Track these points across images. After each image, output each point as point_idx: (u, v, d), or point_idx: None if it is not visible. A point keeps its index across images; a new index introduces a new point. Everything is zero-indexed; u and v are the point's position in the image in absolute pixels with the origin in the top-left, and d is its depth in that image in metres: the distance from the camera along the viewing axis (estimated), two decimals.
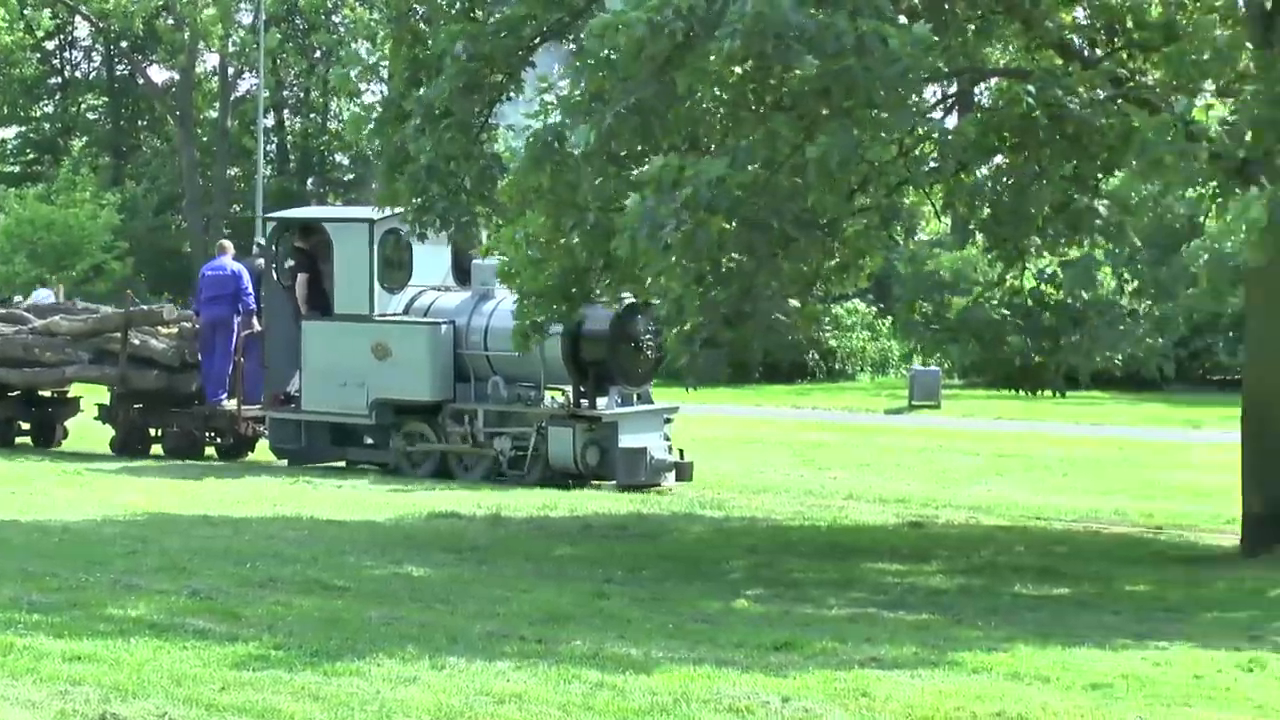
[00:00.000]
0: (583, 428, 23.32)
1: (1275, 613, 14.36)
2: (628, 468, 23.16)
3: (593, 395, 23.54)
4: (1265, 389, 17.63)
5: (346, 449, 25.66)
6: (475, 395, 24.35)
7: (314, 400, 25.17)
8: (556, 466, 23.46)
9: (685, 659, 11.39)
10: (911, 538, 19.09)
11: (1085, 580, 16.17)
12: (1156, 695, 10.67)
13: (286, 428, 25.73)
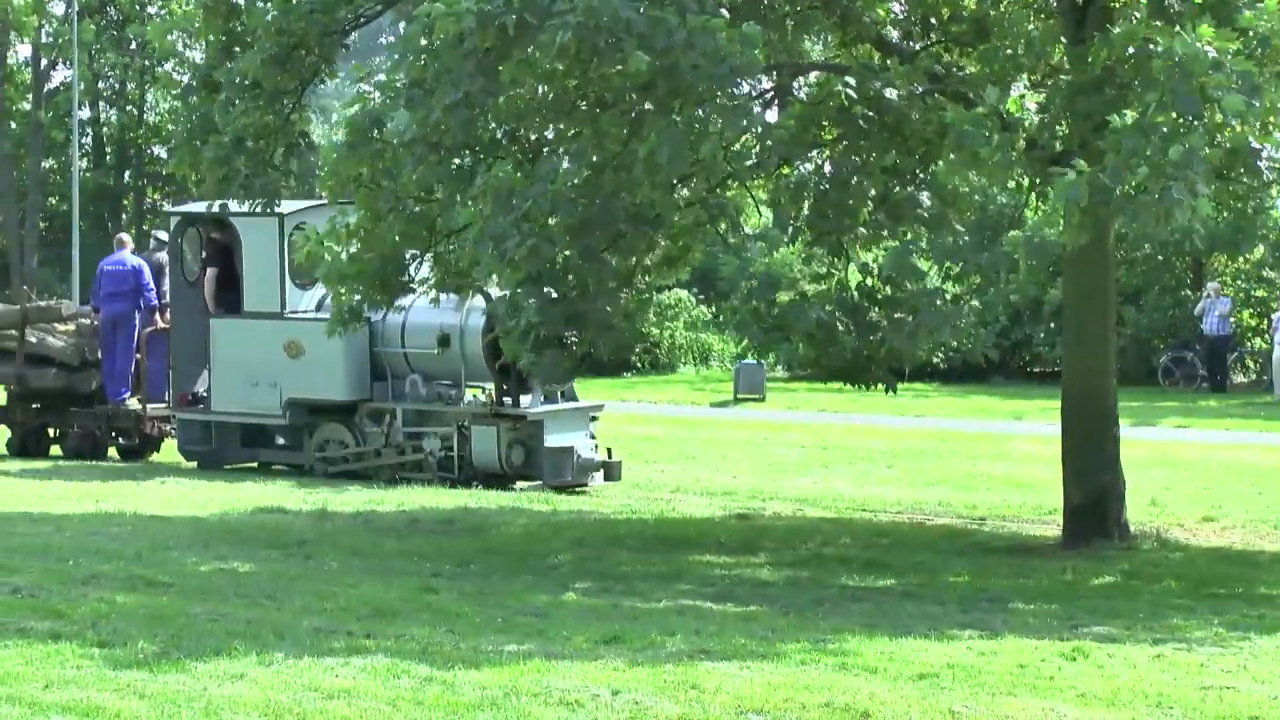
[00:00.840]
0: (507, 426, 22.72)
1: (1096, 602, 14.57)
2: (554, 467, 22.62)
3: (516, 393, 22.90)
4: (1084, 382, 17.89)
5: (258, 450, 25.04)
6: (393, 394, 23.79)
7: (224, 400, 24.47)
8: (480, 467, 22.85)
9: (514, 653, 11.35)
10: (738, 530, 19.17)
11: (910, 571, 16.32)
12: (982, 685, 10.78)
13: (196, 429, 24.99)
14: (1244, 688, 10.93)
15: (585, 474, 22.87)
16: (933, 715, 9.89)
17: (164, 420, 26.07)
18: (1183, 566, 16.61)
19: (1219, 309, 40.41)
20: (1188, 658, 11.93)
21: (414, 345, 23.38)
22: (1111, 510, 17.71)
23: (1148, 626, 13.30)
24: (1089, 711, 10.13)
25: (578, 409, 23.54)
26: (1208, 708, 10.33)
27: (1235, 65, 12.98)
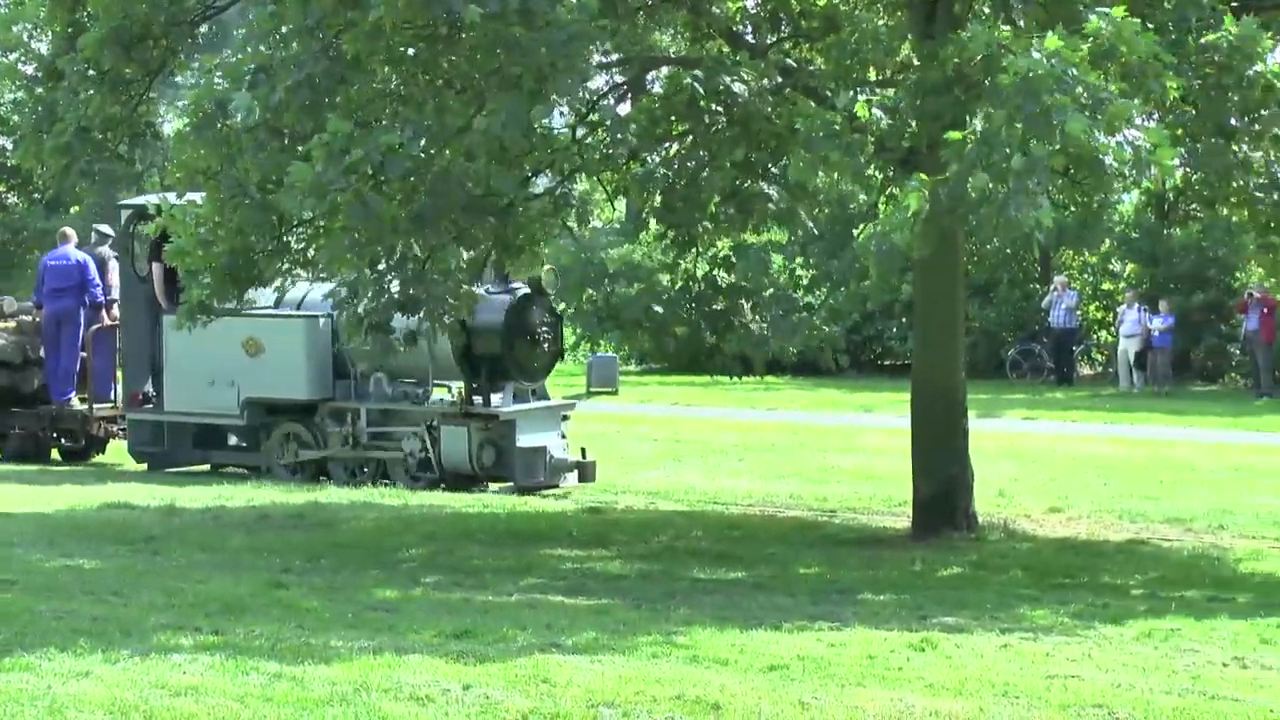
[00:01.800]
0: (478, 426, 22.03)
1: (944, 593, 14.71)
2: (526, 468, 22.05)
3: (486, 392, 22.28)
4: (934, 375, 18.05)
5: (210, 452, 24.33)
6: (356, 393, 23.05)
7: (178, 400, 23.63)
8: (450, 468, 22.16)
9: (365, 648, 11.29)
10: (590, 523, 19.17)
11: (761, 564, 16.40)
12: (831, 675, 10.85)
13: (147, 429, 24.23)
14: (1089, 676, 11.07)
15: (558, 475, 22.30)
16: (783, 707, 9.94)
17: (110, 421, 25.33)
18: (1029, 557, 16.80)
19: (1066, 302, 40.91)
20: (1034, 647, 12.07)
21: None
22: (960, 502, 17.88)
23: (995, 616, 13.44)
24: (937, 701, 10.21)
25: (549, 408, 22.91)
26: (1053, 696, 10.45)
27: (1082, 75, 13.12)
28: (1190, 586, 15.27)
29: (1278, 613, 13.69)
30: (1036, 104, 12.99)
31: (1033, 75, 13.03)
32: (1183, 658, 11.86)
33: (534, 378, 22.63)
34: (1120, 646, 12.26)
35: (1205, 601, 14.44)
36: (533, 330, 22.28)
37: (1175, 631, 12.85)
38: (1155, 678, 11.12)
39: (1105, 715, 9.99)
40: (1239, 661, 11.75)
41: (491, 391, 22.22)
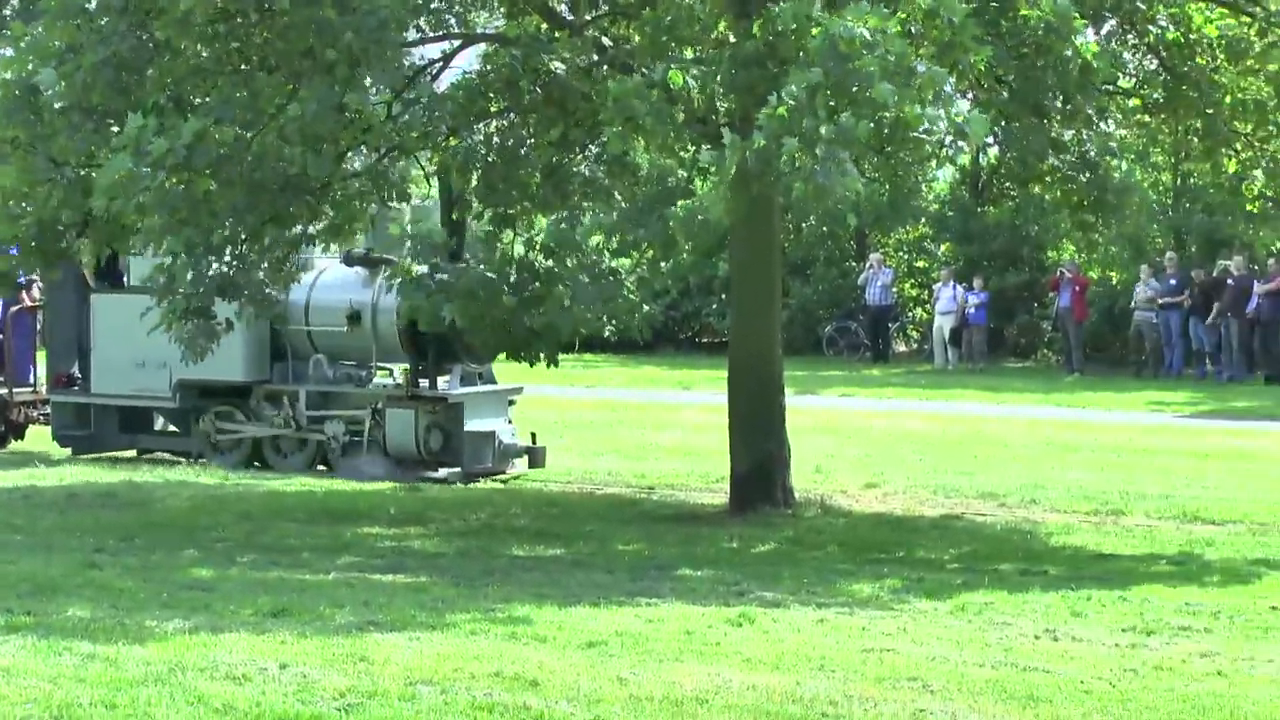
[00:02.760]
0: (425, 409, 21.34)
1: (762, 568, 14.79)
2: (474, 453, 21.42)
3: (433, 374, 21.53)
4: (750, 351, 18.13)
5: (138, 436, 23.56)
6: (294, 375, 22.27)
7: (106, 382, 22.70)
8: (395, 452, 21.39)
9: (180, 628, 11.17)
10: (408, 501, 19.08)
11: (580, 541, 16.42)
12: (649, 651, 10.88)
13: (72, 413, 23.31)
14: (904, 649, 11.20)
15: (507, 460, 21.73)
16: (601, 683, 9.95)
17: (30, 406, 24.40)
18: (846, 532, 16.95)
19: (881, 280, 41.30)
20: (850, 621, 12.19)
21: (320, 323, 21.92)
22: (777, 477, 18.00)
23: (811, 591, 13.55)
24: (754, 676, 10.27)
25: (496, 392, 22.32)
26: (869, 669, 10.55)
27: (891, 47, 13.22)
28: (1003, 560, 15.49)
29: (1088, 585, 13.93)
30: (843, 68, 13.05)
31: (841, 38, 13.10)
32: (996, 630, 12.02)
33: (481, 360, 21.92)
34: (935, 620, 12.40)
35: (1018, 575, 14.65)
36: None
37: (989, 605, 13.03)
38: (969, 650, 11.27)
39: (920, 688, 10.09)
40: (1050, 634, 11.94)
41: (438, 374, 21.60)
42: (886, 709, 9.57)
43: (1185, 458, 23.19)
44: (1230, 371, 36.15)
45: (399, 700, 9.42)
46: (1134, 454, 23.33)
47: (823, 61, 13.15)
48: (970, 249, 42.48)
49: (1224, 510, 18.66)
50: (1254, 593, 13.81)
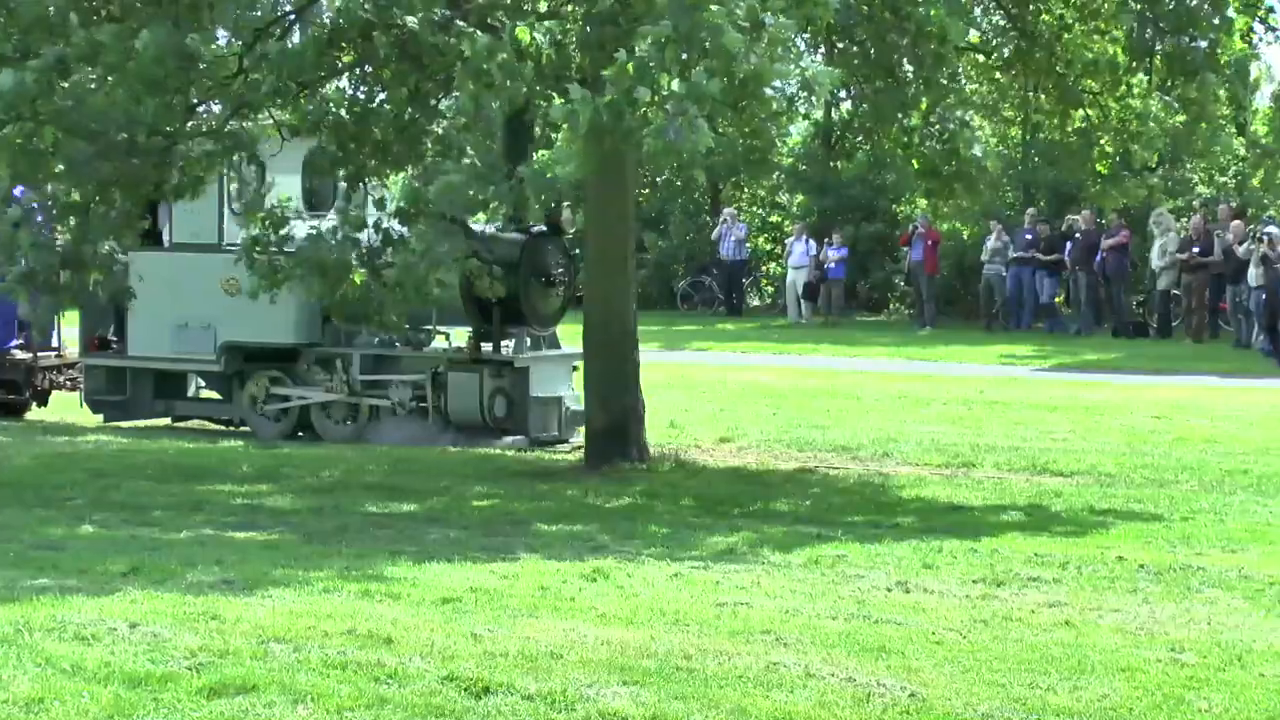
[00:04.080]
0: (490, 373, 20.42)
1: (617, 523, 14.81)
2: (541, 420, 20.45)
3: (498, 337, 20.64)
4: (605, 306, 18.13)
5: (174, 403, 22.48)
6: (345, 338, 21.28)
7: (145, 344, 21.55)
8: (457, 419, 20.47)
9: (27, 588, 11.01)
10: (260, 459, 18.94)
11: (434, 496, 16.36)
12: (504, 607, 10.87)
13: (106, 376, 22.14)
14: (757, 603, 11.25)
15: (572, 428, 20.60)
16: (455, 639, 9.93)
17: (55, 370, 23.23)
18: (700, 486, 17.01)
19: (735, 234, 41.45)
20: (704, 575, 12.23)
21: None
22: (632, 432, 18.04)
23: (666, 546, 13.58)
24: (609, 631, 10.29)
25: (562, 356, 21.24)
26: (723, 624, 10.60)
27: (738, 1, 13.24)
28: (856, 513, 15.61)
29: (939, 537, 14.06)
30: (691, 19, 13.04)
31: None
32: (848, 583, 12.11)
33: (546, 324, 21.01)
34: (788, 573, 12.47)
35: (870, 528, 14.76)
36: (548, 272, 20.66)
37: (841, 558, 13.11)
38: (822, 603, 11.34)
39: (773, 641, 10.15)
40: (902, 586, 12.04)
41: (502, 337, 20.70)
42: (740, 662, 9.61)
43: (1034, 410, 23.49)
44: (1078, 325, 36.62)
45: (251, 659, 9.35)
46: (984, 407, 23.58)
47: (672, 14, 13.14)
48: (824, 203, 42.70)
49: (1072, 462, 18.91)
50: (1101, 543, 14.00)
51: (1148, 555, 13.35)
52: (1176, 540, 14.15)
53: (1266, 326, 31.27)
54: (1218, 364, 30.20)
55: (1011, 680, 9.38)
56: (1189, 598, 11.79)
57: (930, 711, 8.84)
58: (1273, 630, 10.73)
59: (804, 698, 9.00)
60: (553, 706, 8.72)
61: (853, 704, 8.91)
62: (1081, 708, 8.91)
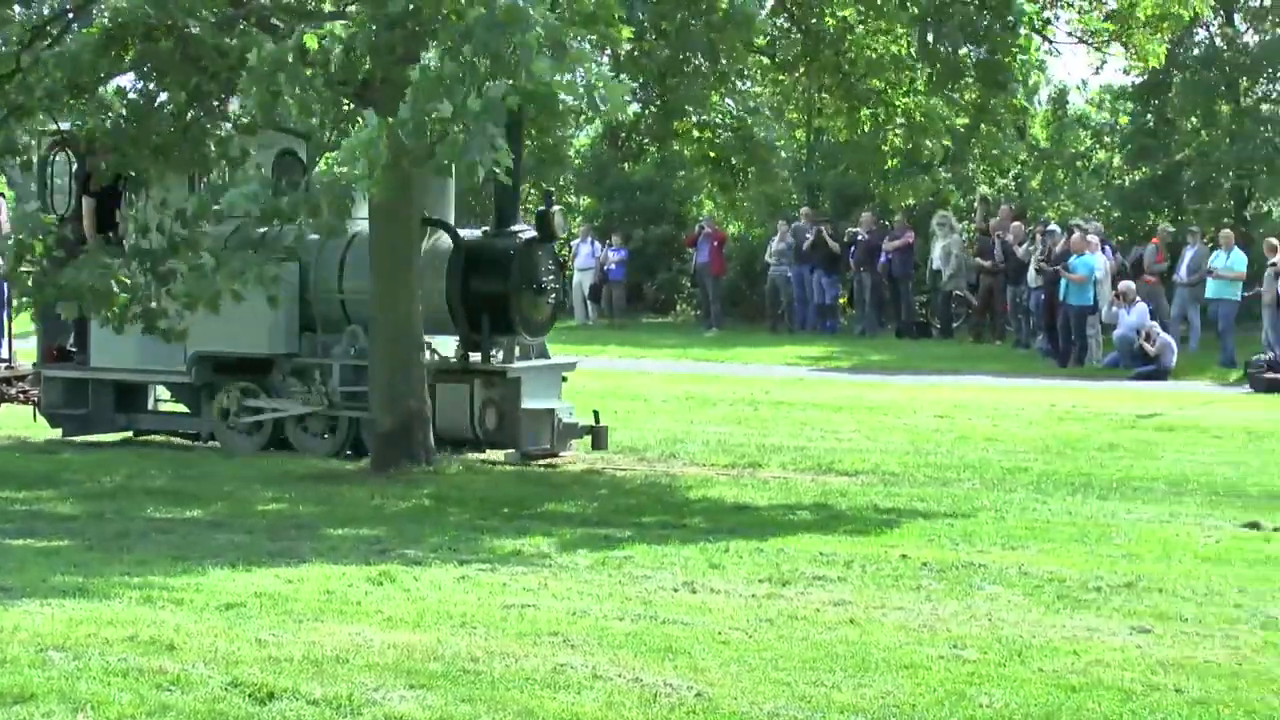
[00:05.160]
0: (482, 384, 19.46)
1: (404, 526, 14.73)
2: (533, 433, 19.44)
3: (487, 347, 19.60)
4: (391, 310, 17.99)
5: (136, 416, 21.37)
6: (321, 349, 20.07)
7: (108, 355, 20.34)
8: (445, 433, 19.14)
9: None
10: (40, 464, 18.64)
11: (218, 501, 16.16)
12: (289, 612, 10.77)
13: (65, 389, 20.91)
14: (545, 605, 11.25)
15: (565, 441, 19.73)
16: (239, 645, 9.82)
17: (5, 383, 22.06)
18: (487, 488, 16.97)
19: None
20: (492, 578, 12.21)
21: (357, 290, 19.51)
22: (419, 435, 17.95)
23: (453, 549, 13.53)
24: (395, 634, 10.24)
25: (551, 366, 20.41)
26: (510, 626, 10.59)
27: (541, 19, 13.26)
28: (643, 514, 15.66)
29: (726, 537, 14.15)
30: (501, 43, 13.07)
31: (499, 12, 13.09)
32: (635, 584, 12.14)
33: (537, 332, 20.12)
34: (575, 574, 12.48)
35: (658, 528, 14.81)
36: (539, 279, 19.82)
37: (629, 559, 13.15)
38: (609, 604, 11.37)
39: (560, 642, 10.15)
40: (689, 586, 12.09)
41: (490, 347, 19.73)
42: (527, 664, 9.61)
43: (819, 410, 23.73)
44: (863, 325, 37.04)
45: (29, 668, 9.18)
46: (770, 407, 23.78)
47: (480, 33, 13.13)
48: (612, 204, 42.80)
49: (856, 461, 19.13)
50: (885, 542, 14.17)
51: (930, 553, 13.53)
52: (958, 538, 14.36)
53: (1046, 326, 31.86)
54: (999, 364, 30.73)
55: (796, 678, 9.46)
56: (970, 595, 11.96)
57: (716, 711, 8.89)
58: (1052, 626, 10.92)
59: (591, 699, 9.01)
60: (338, 711, 8.66)
61: (639, 704, 8.94)
62: (865, 705, 9.00)
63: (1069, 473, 18.49)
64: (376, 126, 13.33)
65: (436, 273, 19.43)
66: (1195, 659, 10.08)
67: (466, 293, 19.49)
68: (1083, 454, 19.90)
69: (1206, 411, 23.94)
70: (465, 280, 19.50)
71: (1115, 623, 11.05)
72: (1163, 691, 9.36)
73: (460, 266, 19.47)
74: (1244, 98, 38.73)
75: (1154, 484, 17.87)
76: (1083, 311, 30.61)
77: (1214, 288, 30.34)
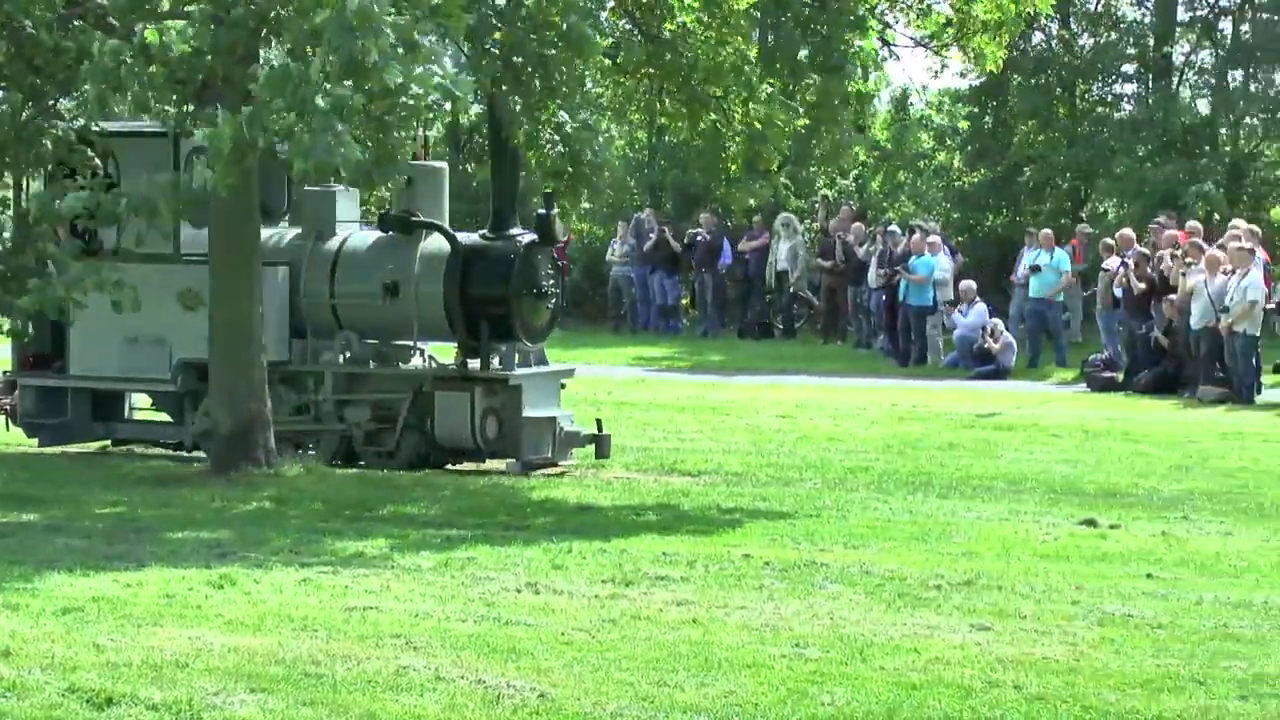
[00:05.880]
0: (483, 393, 18.76)
1: (245, 529, 14.60)
2: (534, 442, 18.76)
3: (486, 353, 18.88)
4: (230, 310, 17.80)
5: (114, 425, 20.46)
6: (311, 355, 19.40)
7: (89, 362, 19.60)
8: (446, 442, 18.82)
9: None
10: None
11: (56, 505, 15.94)
12: (128, 616, 10.67)
13: (40, 398, 19.98)
14: (387, 607, 11.22)
15: (567, 450, 19.11)
16: (77, 650, 9.72)
17: None
18: (330, 490, 16.84)
19: None
20: (334, 580, 12.15)
21: (349, 295, 19.17)
22: (259, 437, 17.78)
23: (295, 551, 13.45)
24: (236, 638, 10.17)
25: (551, 373, 19.89)
26: (352, 628, 10.55)
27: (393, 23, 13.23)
28: (487, 515, 15.63)
29: (569, 538, 14.15)
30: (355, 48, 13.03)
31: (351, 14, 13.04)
32: (479, 585, 12.14)
33: (537, 338, 19.58)
34: (418, 576, 12.45)
35: (501, 530, 14.80)
36: (540, 283, 19.18)
37: (472, 560, 13.13)
38: (452, 606, 11.36)
39: (403, 645, 10.13)
40: (532, 587, 12.09)
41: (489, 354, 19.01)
42: (370, 667, 9.58)
43: (662, 411, 23.81)
44: (705, 326, 37.17)
45: None
46: (613, 408, 23.78)
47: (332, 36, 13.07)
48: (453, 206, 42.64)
49: (699, 461, 19.22)
50: (728, 541, 14.24)
51: (773, 552, 13.61)
52: (801, 537, 14.45)
53: (886, 326, 32.13)
54: (840, 364, 30.95)
55: (639, 678, 9.49)
56: (813, 594, 12.04)
57: (559, 712, 8.91)
58: (893, 624, 11.03)
59: (434, 701, 9.00)
60: (178, 716, 8.60)
61: (482, 706, 8.94)
62: (708, 704, 9.04)
63: (910, 472, 18.67)
64: (226, 123, 13.22)
65: (433, 277, 18.99)
66: (1033, 655, 10.22)
67: (465, 298, 18.93)
68: (923, 453, 20.11)
69: (1044, 411, 24.25)
70: (464, 285, 18.95)
71: (955, 620, 11.18)
72: (1002, 688, 9.48)
73: (458, 270, 18.92)
74: (1080, 101, 39.31)
75: (993, 483, 18.09)
76: (923, 312, 30.89)
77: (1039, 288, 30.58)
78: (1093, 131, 38.61)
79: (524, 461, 18.72)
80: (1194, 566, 13.50)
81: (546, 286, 19.22)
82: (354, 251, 19.20)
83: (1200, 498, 17.28)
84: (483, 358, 18.88)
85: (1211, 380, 25.31)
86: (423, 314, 18.84)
